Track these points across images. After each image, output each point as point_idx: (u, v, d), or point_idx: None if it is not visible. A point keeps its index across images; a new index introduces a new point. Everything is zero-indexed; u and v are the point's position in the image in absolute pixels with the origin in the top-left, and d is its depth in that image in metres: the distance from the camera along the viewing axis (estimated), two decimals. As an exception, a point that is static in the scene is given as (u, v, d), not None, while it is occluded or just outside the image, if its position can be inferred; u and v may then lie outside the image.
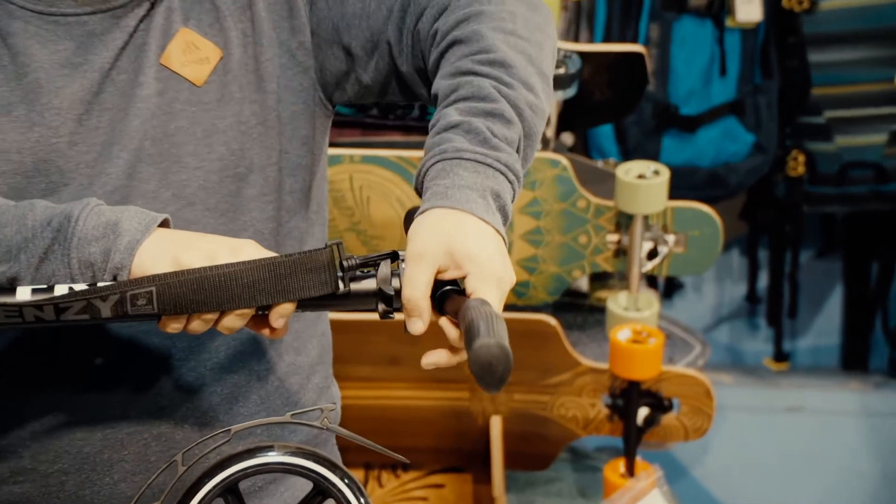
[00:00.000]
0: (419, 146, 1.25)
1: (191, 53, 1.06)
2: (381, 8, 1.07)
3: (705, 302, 2.81)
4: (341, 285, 0.93)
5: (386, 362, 1.85)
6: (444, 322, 0.94)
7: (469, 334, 0.85)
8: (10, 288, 0.94)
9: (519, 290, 1.99)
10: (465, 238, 0.93)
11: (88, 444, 1.06)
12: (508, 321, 0.89)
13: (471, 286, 0.93)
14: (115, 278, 0.94)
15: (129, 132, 1.04)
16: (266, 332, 0.96)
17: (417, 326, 0.94)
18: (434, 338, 1.82)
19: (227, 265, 0.92)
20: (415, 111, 1.93)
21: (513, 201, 0.98)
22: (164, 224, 0.98)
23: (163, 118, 1.05)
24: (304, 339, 1.16)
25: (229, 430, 0.92)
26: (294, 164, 1.09)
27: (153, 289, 0.91)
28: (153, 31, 1.05)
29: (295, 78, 1.09)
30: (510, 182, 0.97)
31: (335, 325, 1.26)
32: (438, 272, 0.93)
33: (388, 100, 1.12)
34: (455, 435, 1.91)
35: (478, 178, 0.95)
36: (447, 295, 0.93)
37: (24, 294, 0.93)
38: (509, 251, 1.09)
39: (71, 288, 0.92)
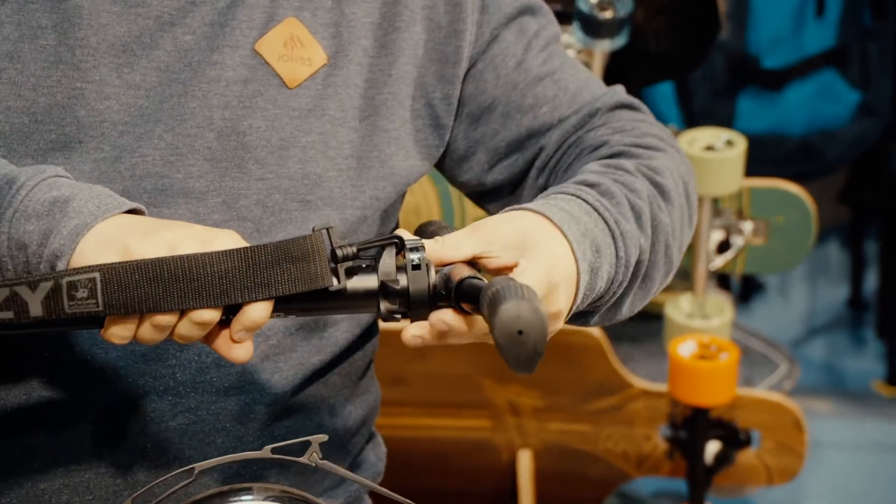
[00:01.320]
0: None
1: (292, 49, 1.12)
2: (552, 113, 1.18)
3: (794, 308, 2.86)
4: (335, 280, 0.97)
5: (389, 382, 1.88)
6: (451, 316, 0.98)
7: (492, 303, 0.89)
8: None
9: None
10: (537, 234, 1.01)
11: (46, 479, 1.13)
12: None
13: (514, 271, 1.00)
14: (52, 268, 0.96)
15: (185, 114, 1.10)
16: (223, 349, 0.99)
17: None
18: (447, 351, 1.88)
19: (193, 255, 0.95)
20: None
21: (608, 288, 1.07)
22: (136, 213, 1.00)
23: (238, 111, 1.11)
24: (344, 398, 1.22)
25: (193, 468, 0.95)
26: (379, 212, 1.17)
27: (97, 276, 0.93)
28: (249, 9, 1.11)
29: (423, 130, 1.18)
30: (617, 255, 1.07)
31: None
32: (479, 258, 1.00)
33: (472, 199, 1.24)
34: (474, 473, 1.97)
35: (586, 219, 1.05)
36: (467, 284, 0.96)
37: None
38: None
39: None
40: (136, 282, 0.94)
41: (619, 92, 1.21)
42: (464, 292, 0.96)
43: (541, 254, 1.00)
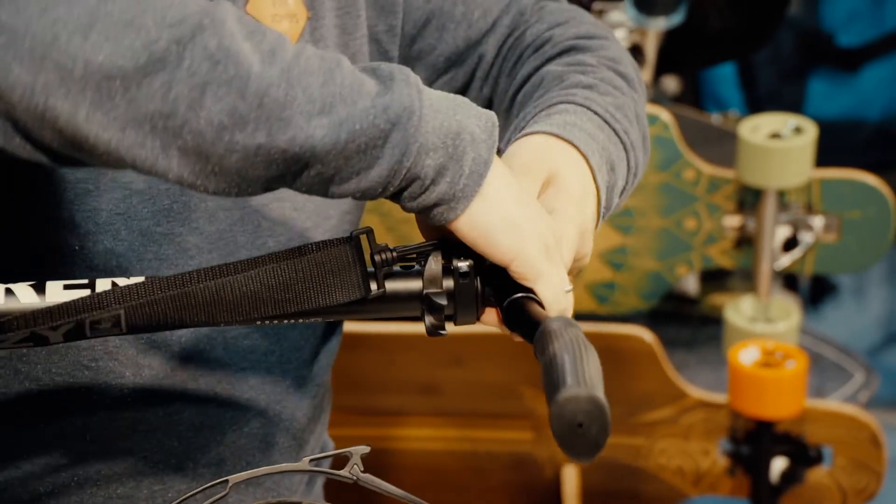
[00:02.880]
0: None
1: (280, 6, 1.15)
2: (486, 18, 1.24)
3: (870, 311, 2.87)
4: (374, 286, 1.02)
5: (420, 390, 1.91)
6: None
7: (551, 378, 0.93)
8: None
9: (601, 292, 2.07)
10: (570, 169, 1.08)
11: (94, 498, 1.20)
12: (587, 335, 0.96)
13: (548, 203, 1.06)
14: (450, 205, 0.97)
15: None
16: None
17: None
18: (482, 356, 1.91)
19: (219, 271, 0.99)
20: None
21: (619, 196, 1.15)
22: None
23: None
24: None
25: (226, 480, 0.97)
26: None
27: (121, 313, 0.97)
28: None
29: None
30: (629, 166, 1.15)
31: (347, 338, 1.35)
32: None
33: None
34: (514, 490, 1.99)
35: (601, 136, 1.12)
36: (520, 304, 1.01)
37: None
38: None
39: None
40: (163, 310, 0.98)
41: None
42: (515, 316, 1.01)
43: (568, 185, 1.07)
